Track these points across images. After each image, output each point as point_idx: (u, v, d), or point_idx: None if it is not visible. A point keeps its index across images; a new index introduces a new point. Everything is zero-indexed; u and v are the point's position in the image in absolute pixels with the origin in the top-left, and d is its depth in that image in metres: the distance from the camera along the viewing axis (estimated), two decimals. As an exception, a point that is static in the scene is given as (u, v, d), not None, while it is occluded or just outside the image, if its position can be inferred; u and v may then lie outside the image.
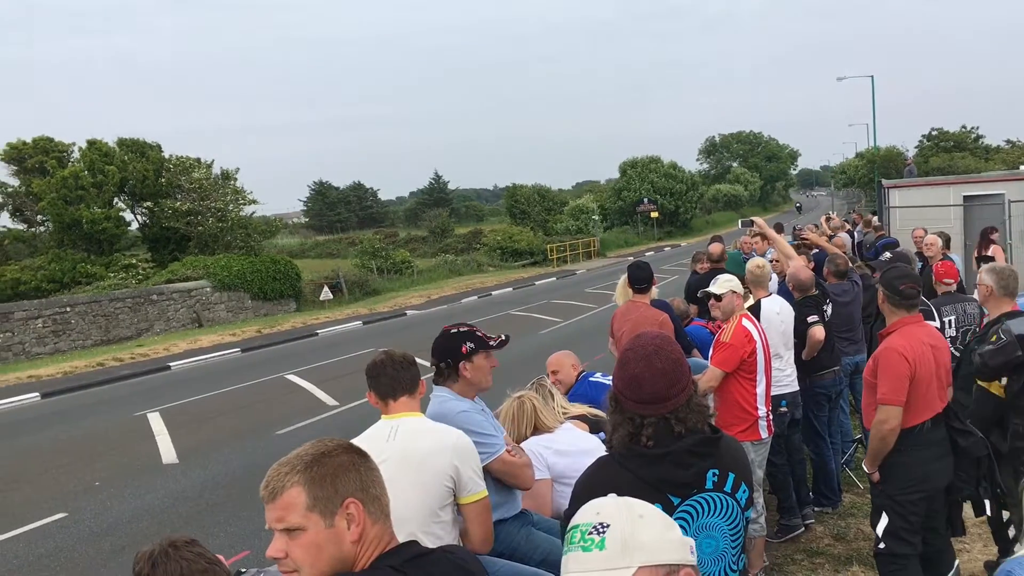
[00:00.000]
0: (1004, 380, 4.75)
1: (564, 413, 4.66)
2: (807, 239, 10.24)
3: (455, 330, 3.67)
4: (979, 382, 4.95)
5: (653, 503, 2.30)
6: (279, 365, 17.77)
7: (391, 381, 3.28)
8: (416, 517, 2.98)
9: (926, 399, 4.34)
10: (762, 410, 5.32)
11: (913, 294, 4.50)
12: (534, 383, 4.80)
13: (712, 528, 2.40)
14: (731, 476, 2.44)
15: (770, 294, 6.36)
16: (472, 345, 3.60)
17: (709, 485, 2.39)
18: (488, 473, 3.51)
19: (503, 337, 3.78)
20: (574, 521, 1.55)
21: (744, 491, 2.47)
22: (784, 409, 6.00)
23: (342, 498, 1.81)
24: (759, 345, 5.29)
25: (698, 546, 2.36)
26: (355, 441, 3.10)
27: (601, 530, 1.52)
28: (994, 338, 4.74)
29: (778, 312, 6.06)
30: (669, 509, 2.32)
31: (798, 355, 6.35)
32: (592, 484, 2.45)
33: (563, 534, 2.62)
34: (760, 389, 5.31)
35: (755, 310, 5.97)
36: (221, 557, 2.74)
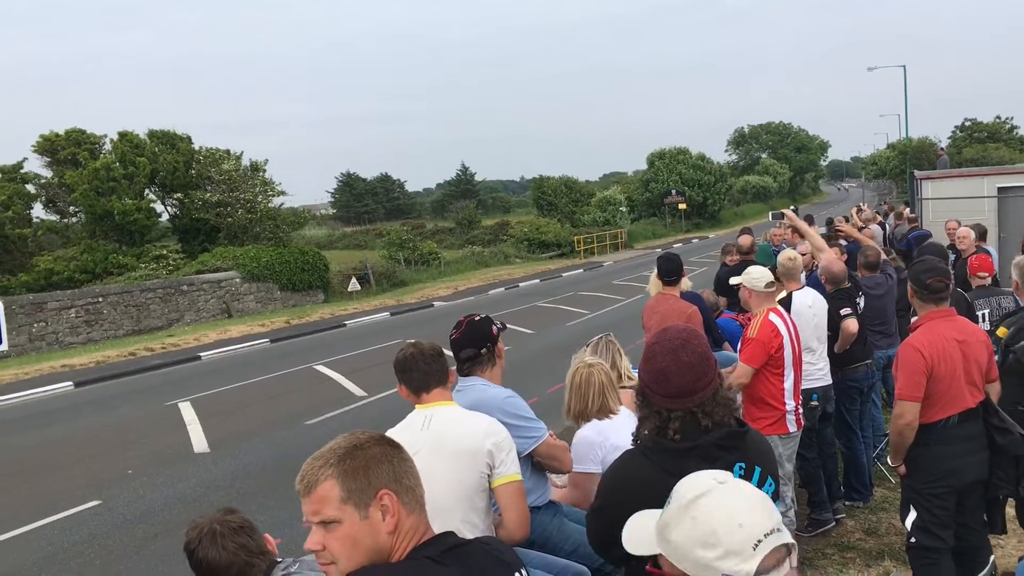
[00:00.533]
0: None
1: (630, 379, 4.50)
2: (841, 230, 10.13)
3: (477, 317, 3.75)
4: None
5: None
6: (308, 356, 17.88)
7: (423, 375, 3.29)
8: (452, 505, 2.99)
9: (949, 395, 4.29)
10: (790, 404, 5.28)
11: (940, 287, 4.44)
12: (601, 338, 4.66)
13: None
14: (757, 470, 2.45)
15: (802, 287, 6.30)
16: (498, 327, 3.75)
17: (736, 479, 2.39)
18: (526, 459, 3.55)
19: (501, 322, 3.92)
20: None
21: (770, 485, 2.48)
22: (815, 403, 5.95)
23: (375, 490, 1.81)
24: (787, 339, 5.24)
25: None
26: (389, 432, 3.12)
27: (669, 502, 1.61)
28: None
29: (810, 305, 6.00)
30: None
31: (831, 348, 6.29)
32: (618, 476, 2.48)
33: (588, 526, 2.62)
34: (788, 383, 5.27)
35: (787, 303, 5.92)
36: (269, 538, 2.78)
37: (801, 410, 5.43)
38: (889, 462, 4.55)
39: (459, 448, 3.08)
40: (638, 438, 2.51)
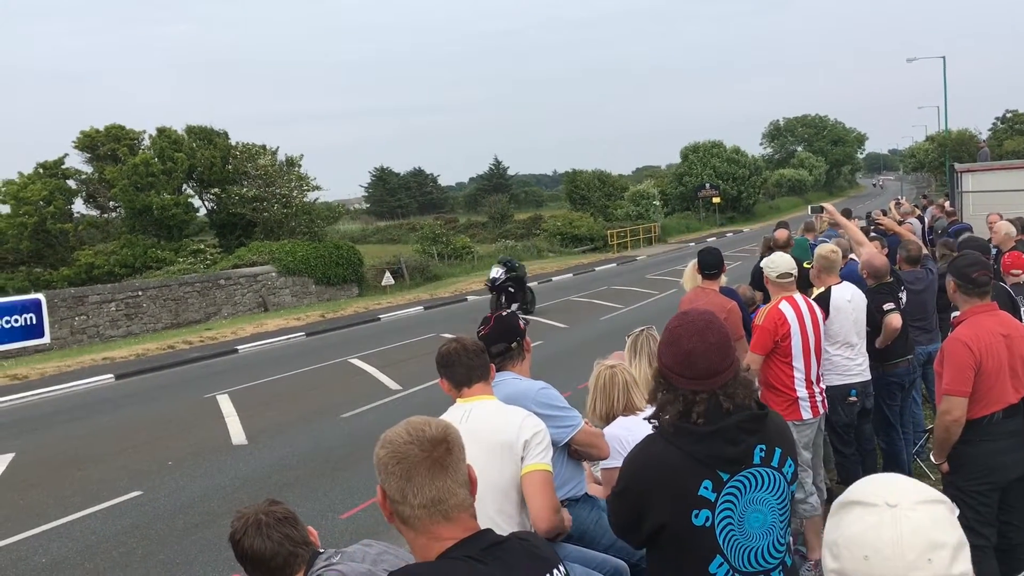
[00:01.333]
0: None
1: None
2: (882, 224, 10.01)
3: (504, 312, 3.83)
4: None
5: (703, 479, 2.35)
6: (343, 349, 18.03)
7: (466, 370, 3.33)
8: (487, 497, 3.01)
9: (995, 390, 4.24)
10: (802, 391, 5.31)
11: (984, 281, 4.40)
12: (642, 331, 4.65)
13: (760, 503, 2.43)
14: (778, 451, 2.47)
15: (840, 281, 6.23)
16: (525, 320, 3.84)
17: (756, 460, 2.42)
18: (562, 449, 3.59)
19: (525, 318, 4.08)
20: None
21: (790, 465, 2.51)
22: (854, 398, 5.90)
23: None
24: (795, 328, 5.27)
25: (747, 520, 2.42)
26: None
27: (857, 490, 1.41)
28: None
29: (849, 300, 5.94)
30: (719, 485, 2.37)
31: (871, 343, 6.22)
32: (641, 460, 2.49)
33: (610, 509, 2.62)
34: (799, 372, 5.30)
35: (825, 297, 5.88)
36: (312, 530, 2.82)
37: (819, 398, 5.42)
38: (932, 459, 4.49)
39: (494, 440, 3.11)
40: (658, 422, 2.51)
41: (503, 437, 3.12)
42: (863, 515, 1.34)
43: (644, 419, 2.65)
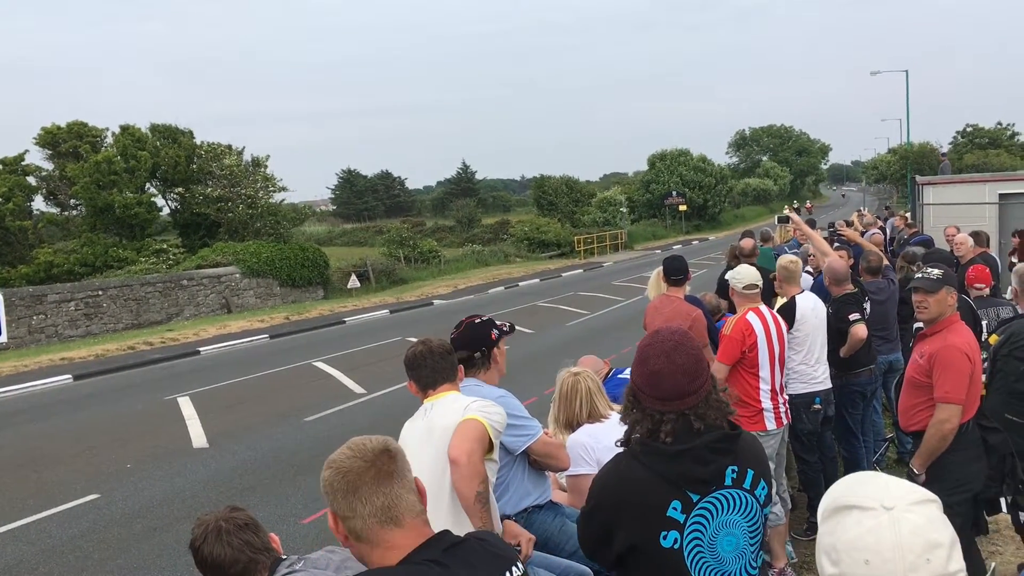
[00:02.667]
0: None
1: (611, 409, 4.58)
2: (843, 234, 10.14)
3: (477, 320, 3.78)
4: None
5: (671, 500, 2.32)
6: (307, 352, 17.90)
7: (431, 372, 3.34)
8: (434, 488, 2.97)
9: (973, 399, 4.30)
10: (767, 402, 5.35)
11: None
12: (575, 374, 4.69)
13: (732, 525, 2.39)
14: (750, 473, 2.43)
15: (803, 291, 6.31)
16: (498, 332, 3.76)
17: (728, 482, 2.38)
18: (522, 458, 3.59)
19: (508, 324, 3.91)
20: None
21: (763, 488, 2.47)
22: (818, 406, 5.97)
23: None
24: (761, 339, 5.32)
25: (718, 544, 2.37)
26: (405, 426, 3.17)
27: (844, 491, 1.42)
28: None
29: (812, 308, 6.02)
30: (688, 506, 2.33)
31: (833, 352, 6.30)
32: (610, 479, 2.45)
33: (579, 528, 2.60)
34: (764, 383, 5.34)
35: (791, 307, 5.94)
36: (274, 536, 2.79)
37: (783, 408, 5.47)
38: (913, 468, 4.50)
39: (442, 424, 3.12)
40: (627, 441, 2.48)
41: (449, 420, 3.11)
42: (860, 519, 1.34)
43: (615, 442, 2.62)
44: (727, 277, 5.67)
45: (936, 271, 4.50)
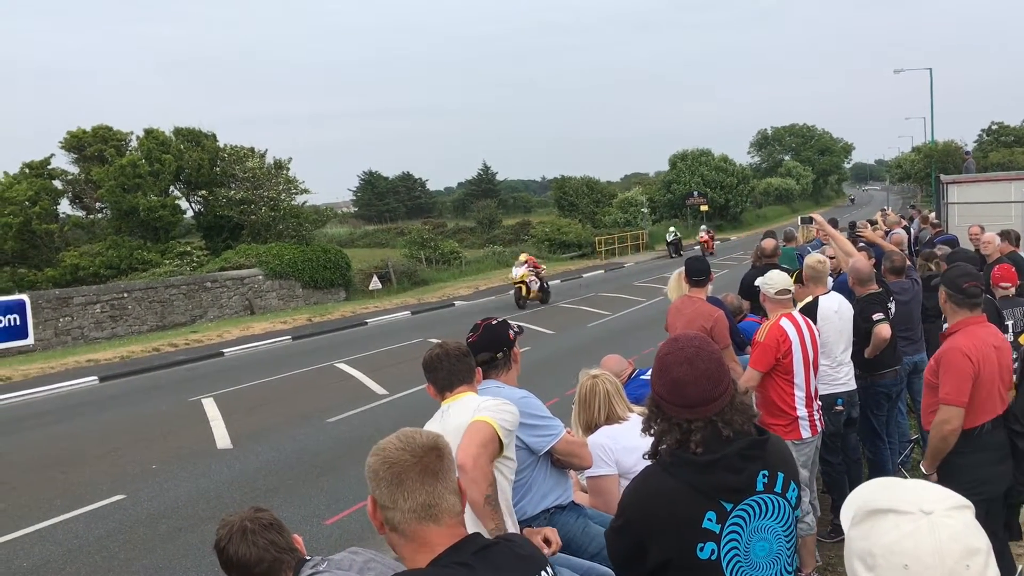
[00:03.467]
0: None
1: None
2: (864, 235, 10.07)
3: (494, 321, 3.81)
4: None
5: (707, 511, 2.27)
6: (329, 353, 17.98)
7: (448, 375, 3.36)
8: None
9: (988, 401, 4.27)
10: (802, 410, 5.26)
11: (977, 292, 4.42)
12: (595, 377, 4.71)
13: (766, 531, 2.36)
14: (780, 476, 2.40)
15: (828, 291, 6.26)
16: (515, 331, 3.81)
17: (760, 487, 2.35)
18: (546, 457, 3.59)
19: (518, 326, 3.99)
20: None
21: (793, 490, 2.44)
22: (840, 407, 5.92)
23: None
24: (796, 344, 5.24)
25: (752, 550, 2.34)
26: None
27: (873, 495, 1.40)
28: None
29: (836, 310, 5.97)
30: (723, 516, 2.29)
31: (857, 353, 6.25)
32: (641, 493, 2.40)
33: (609, 545, 2.57)
34: (800, 389, 5.26)
35: (813, 307, 5.90)
36: (297, 537, 2.81)
37: (817, 416, 5.41)
38: (922, 469, 4.49)
39: (455, 424, 3.12)
40: (655, 453, 2.44)
41: (462, 420, 3.12)
42: (898, 523, 1.32)
43: (643, 455, 2.58)
44: (758, 283, 5.61)
45: None
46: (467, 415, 3.14)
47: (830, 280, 7.71)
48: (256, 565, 2.65)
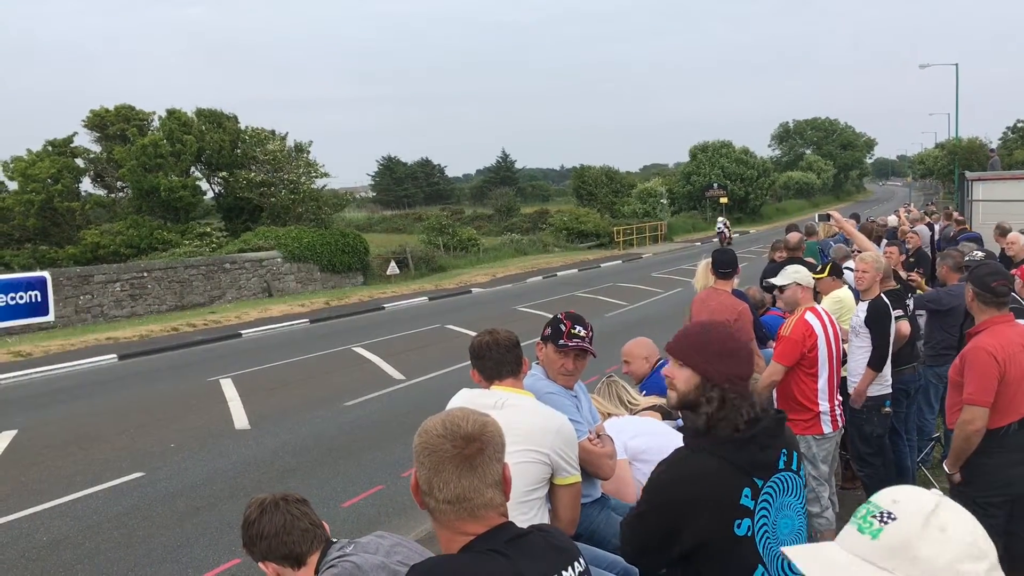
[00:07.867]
0: None
1: (634, 405, 4.64)
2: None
3: (558, 314, 3.66)
4: None
5: (743, 487, 2.30)
6: (347, 337, 18.04)
7: (495, 364, 3.32)
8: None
9: (1014, 401, 4.22)
10: (824, 405, 5.25)
11: (1004, 292, 4.38)
12: (604, 381, 4.78)
13: (788, 507, 2.43)
14: (795, 455, 2.49)
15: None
16: (548, 332, 3.59)
17: (781, 465, 2.42)
18: None
19: (581, 345, 3.52)
20: (873, 496, 1.41)
21: (802, 468, 2.53)
22: (888, 409, 5.90)
23: None
24: (821, 339, 5.21)
25: (778, 526, 2.39)
26: (456, 399, 3.20)
27: (884, 519, 1.36)
28: None
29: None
30: (756, 492, 2.34)
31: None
32: (679, 476, 2.39)
33: (631, 533, 2.54)
34: (822, 384, 5.23)
35: (883, 303, 5.91)
36: (326, 524, 2.82)
37: (839, 411, 5.38)
38: (946, 468, 4.45)
39: (527, 441, 3.04)
40: (702, 433, 2.41)
41: (537, 439, 3.05)
42: (950, 514, 1.34)
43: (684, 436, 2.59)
44: (788, 279, 5.55)
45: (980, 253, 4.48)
46: (536, 434, 3.05)
47: (850, 276, 7.67)
48: (290, 532, 2.65)
